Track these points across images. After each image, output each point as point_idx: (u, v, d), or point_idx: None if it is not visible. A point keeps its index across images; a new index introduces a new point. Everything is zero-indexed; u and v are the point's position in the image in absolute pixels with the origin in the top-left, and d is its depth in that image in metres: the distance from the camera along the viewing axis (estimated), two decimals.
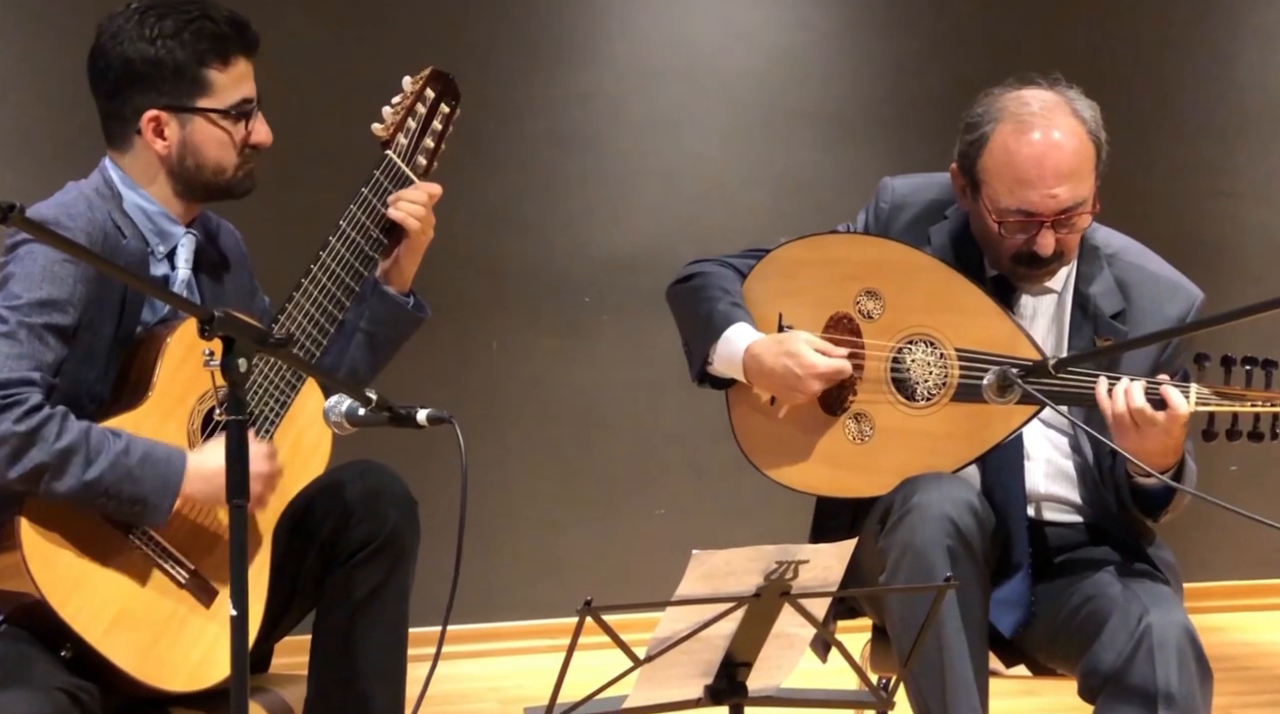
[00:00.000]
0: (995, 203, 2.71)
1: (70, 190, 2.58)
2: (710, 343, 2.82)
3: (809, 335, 2.78)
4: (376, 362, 2.73)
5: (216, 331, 2.05)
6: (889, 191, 2.90)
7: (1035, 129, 2.68)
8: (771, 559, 2.12)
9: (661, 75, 4.89)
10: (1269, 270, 5.03)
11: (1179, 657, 2.57)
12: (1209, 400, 2.60)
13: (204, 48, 2.55)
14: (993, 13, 5.02)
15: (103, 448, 2.41)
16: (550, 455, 4.85)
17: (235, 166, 2.59)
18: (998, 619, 2.73)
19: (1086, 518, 2.82)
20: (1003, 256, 2.75)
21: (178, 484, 2.44)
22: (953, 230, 2.84)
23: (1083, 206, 2.71)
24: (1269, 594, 5.21)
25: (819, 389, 2.76)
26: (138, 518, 2.44)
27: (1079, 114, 2.72)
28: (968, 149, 2.75)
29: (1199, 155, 5.18)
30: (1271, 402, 2.59)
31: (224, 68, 2.56)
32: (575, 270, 4.86)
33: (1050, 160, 2.67)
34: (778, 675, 2.26)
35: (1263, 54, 5.22)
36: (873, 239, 2.85)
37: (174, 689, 2.46)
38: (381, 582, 2.56)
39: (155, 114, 2.56)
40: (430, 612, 2.57)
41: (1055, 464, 2.82)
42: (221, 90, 2.57)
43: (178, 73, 2.54)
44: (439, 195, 2.69)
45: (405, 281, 2.73)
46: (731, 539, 2.23)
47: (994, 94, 2.76)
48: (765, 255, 2.89)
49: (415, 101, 2.69)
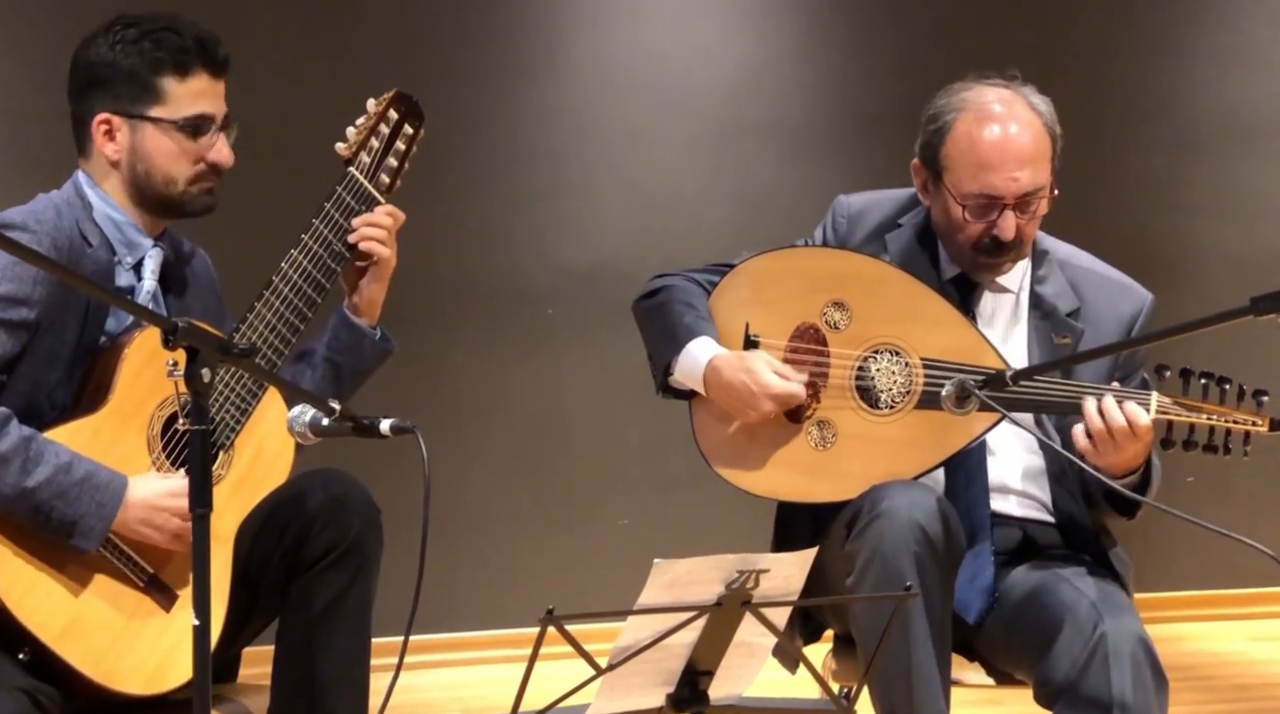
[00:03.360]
0: (958, 188, 2.79)
1: (40, 199, 2.60)
2: (673, 354, 2.85)
3: (769, 356, 2.81)
4: (341, 391, 2.73)
5: (180, 342, 2.05)
6: (844, 207, 2.97)
7: (995, 119, 2.80)
8: (733, 568, 2.14)
9: (625, 90, 4.91)
10: (1222, 284, 5.07)
11: (1134, 666, 2.60)
12: (1169, 409, 2.67)
13: (160, 56, 2.57)
14: (948, 31, 5.06)
15: (43, 459, 2.41)
16: (513, 466, 4.86)
17: (187, 180, 2.60)
18: (962, 607, 2.76)
19: (1051, 513, 2.87)
20: (964, 246, 2.82)
21: (113, 510, 2.44)
22: (911, 235, 2.90)
23: (1041, 192, 2.80)
24: (1227, 604, 5.25)
25: (771, 409, 2.79)
26: (66, 539, 2.42)
27: (1035, 108, 2.84)
28: (930, 139, 2.84)
29: (1153, 170, 5.23)
30: (1225, 416, 2.65)
31: (180, 79, 2.58)
32: (539, 282, 4.87)
33: (1012, 145, 2.78)
34: (739, 684, 2.27)
35: (1217, 69, 5.27)
36: (840, 252, 2.90)
37: (131, 692, 2.45)
38: (344, 590, 2.56)
39: (106, 117, 2.58)
40: (392, 622, 2.57)
41: (1020, 460, 2.86)
42: (175, 101, 2.58)
43: (131, 78, 2.56)
44: (403, 220, 2.71)
45: (374, 308, 2.74)
46: (694, 549, 2.24)
47: (954, 89, 2.87)
48: (729, 270, 2.92)
49: (379, 122, 2.72)
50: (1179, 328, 2.74)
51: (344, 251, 2.67)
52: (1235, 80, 5.26)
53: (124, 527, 2.46)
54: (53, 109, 2.79)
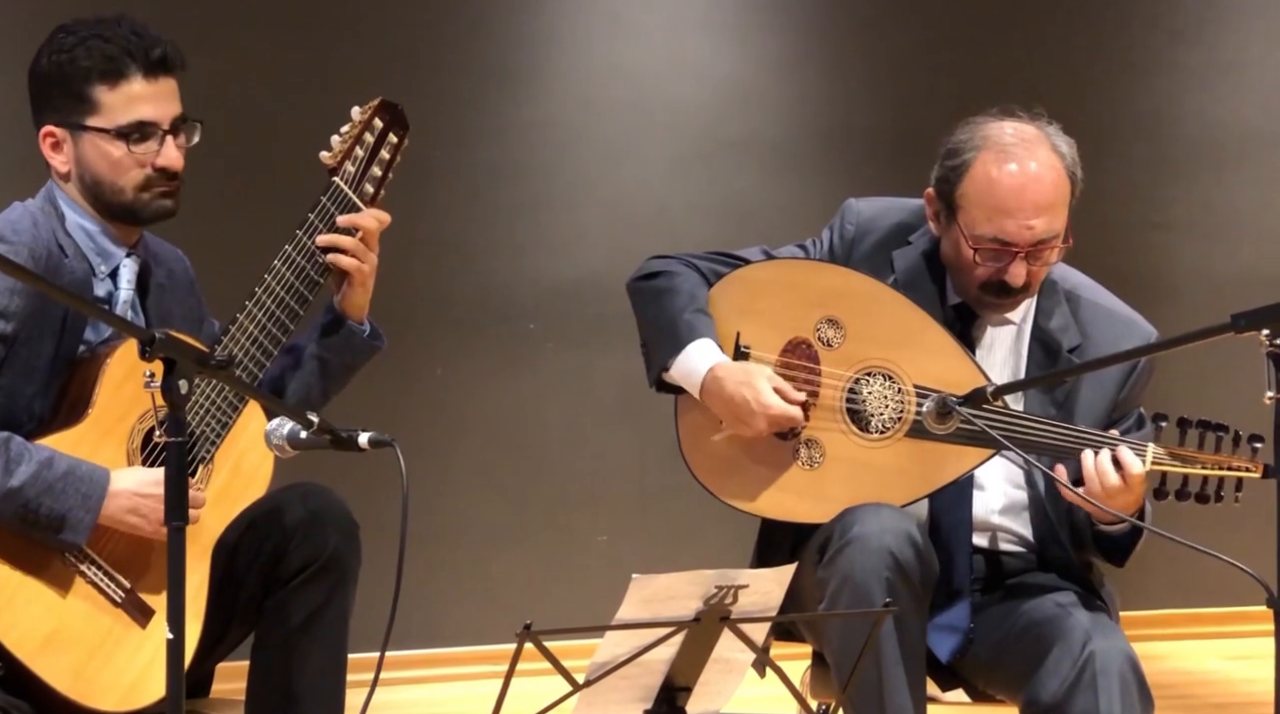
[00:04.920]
0: (971, 229, 2.73)
1: (16, 208, 2.58)
2: (672, 353, 2.81)
3: (772, 373, 2.78)
4: (329, 388, 2.72)
5: (157, 353, 2.04)
6: (854, 213, 2.90)
7: (1016, 160, 2.72)
8: (711, 584, 2.13)
9: (607, 105, 4.91)
10: (1202, 302, 5.08)
11: (1121, 684, 2.59)
12: (1163, 460, 2.66)
13: (89, 65, 2.53)
14: (933, 47, 5.07)
15: (23, 458, 2.40)
16: (492, 481, 4.84)
17: (135, 188, 2.56)
18: (936, 644, 2.75)
19: (1034, 551, 2.84)
20: (971, 284, 2.77)
21: (99, 501, 2.43)
22: (918, 256, 2.85)
23: (1055, 240, 2.74)
24: (1209, 623, 5.25)
25: (765, 429, 2.76)
26: (56, 535, 2.41)
27: (1058, 149, 2.76)
28: (948, 174, 2.77)
29: (1133, 187, 5.24)
30: (1220, 465, 2.65)
31: (111, 87, 2.53)
32: (519, 297, 4.86)
33: (1029, 192, 2.70)
34: (718, 700, 2.26)
35: (1197, 87, 5.28)
36: (838, 268, 2.85)
37: (106, 709, 2.44)
38: (322, 604, 2.55)
39: (50, 129, 2.57)
40: (369, 637, 2.56)
41: (1008, 496, 2.83)
42: (109, 110, 2.54)
43: (64, 89, 2.54)
44: (387, 222, 2.69)
45: (360, 311, 2.71)
46: (673, 564, 2.24)
47: (976, 122, 2.79)
48: (733, 262, 2.88)
49: (363, 131, 2.70)
50: (1160, 345, 2.75)
51: (326, 262, 2.66)
52: (1215, 98, 5.28)
53: (110, 518, 2.45)
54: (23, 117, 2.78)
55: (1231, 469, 2.65)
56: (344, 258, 2.64)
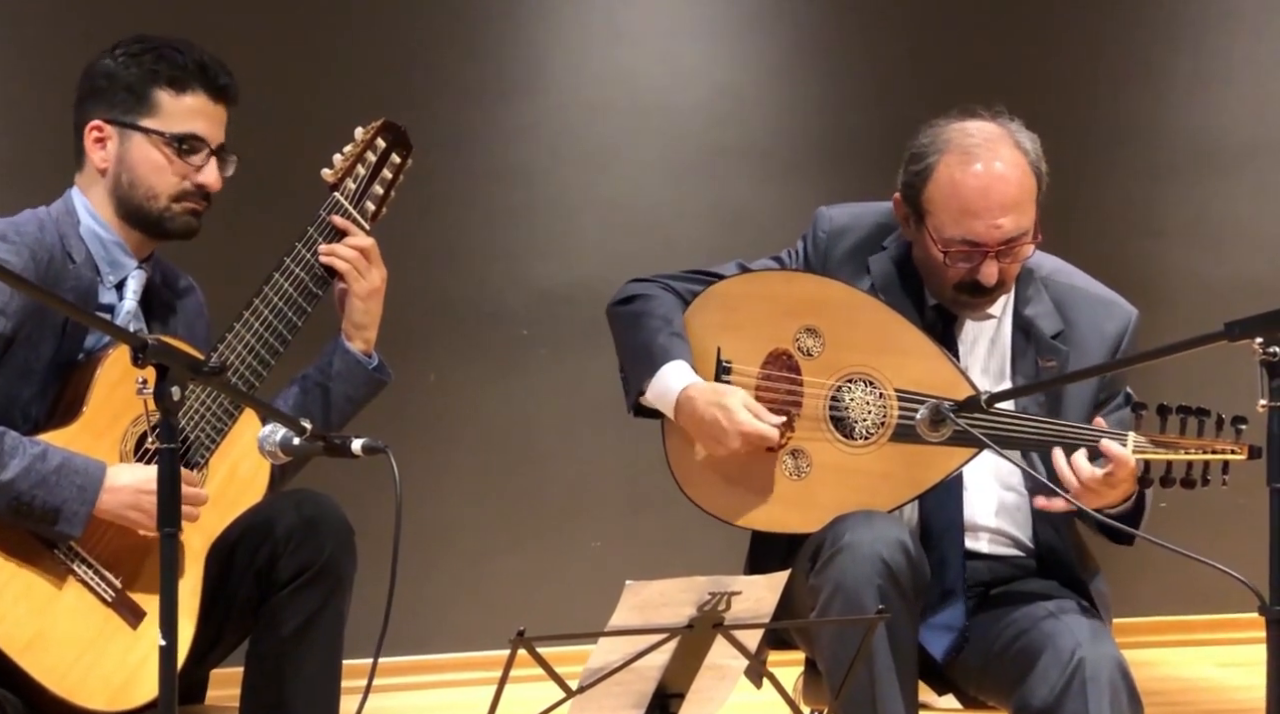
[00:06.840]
0: (940, 233, 2.73)
1: (25, 213, 2.61)
2: (646, 376, 2.83)
3: (745, 394, 2.78)
4: (330, 417, 2.73)
5: (149, 359, 2.04)
6: (826, 220, 2.91)
7: (979, 160, 2.71)
8: (704, 590, 2.13)
9: (601, 110, 4.92)
10: (1196, 309, 5.08)
11: (1111, 691, 2.59)
12: (1145, 448, 2.65)
13: (159, 69, 2.60)
14: (925, 54, 5.08)
15: (17, 451, 2.40)
16: (486, 487, 4.84)
17: (170, 196, 2.59)
18: (930, 643, 2.75)
19: (1028, 552, 2.84)
20: (945, 285, 2.78)
21: (95, 494, 2.43)
22: (893, 259, 2.86)
23: (1025, 236, 2.74)
24: (1198, 630, 5.26)
25: (739, 447, 2.75)
26: (51, 527, 2.42)
27: (1021, 146, 2.75)
28: (912, 180, 2.77)
29: (1126, 195, 5.25)
30: (1204, 449, 2.63)
31: (175, 94, 2.60)
32: (513, 302, 4.86)
33: (995, 192, 2.70)
34: (710, 707, 2.26)
35: (1190, 94, 5.30)
36: (813, 277, 2.86)
37: (95, 708, 2.44)
38: (317, 610, 2.55)
39: (98, 123, 2.61)
40: (362, 643, 2.56)
41: (999, 497, 2.84)
42: (168, 115, 2.59)
43: (128, 88, 2.59)
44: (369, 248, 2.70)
45: (365, 337, 2.74)
46: (666, 571, 2.24)
47: (938, 125, 2.79)
48: (710, 279, 2.89)
49: (365, 150, 2.72)
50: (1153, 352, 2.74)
51: (325, 275, 2.68)
52: (1209, 106, 5.30)
53: (110, 513, 2.45)
54: (50, 126, 2.80)
55: (1216, 452, 2.63)
56: (340, 263, 2.67)
